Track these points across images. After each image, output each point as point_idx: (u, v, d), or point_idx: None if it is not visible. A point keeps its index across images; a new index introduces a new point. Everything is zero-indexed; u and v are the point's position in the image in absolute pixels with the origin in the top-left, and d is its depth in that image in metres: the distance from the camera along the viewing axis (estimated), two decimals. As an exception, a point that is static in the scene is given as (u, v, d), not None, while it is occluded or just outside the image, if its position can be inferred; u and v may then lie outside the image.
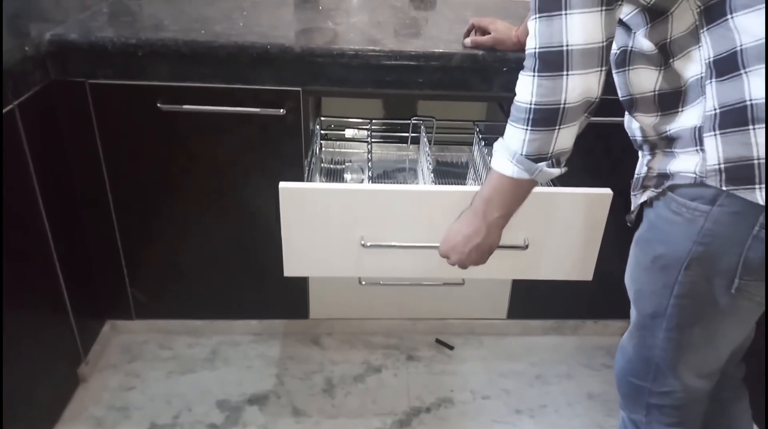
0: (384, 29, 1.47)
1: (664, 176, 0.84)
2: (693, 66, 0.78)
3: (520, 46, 1.32)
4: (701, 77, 0.77)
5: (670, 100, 0.81)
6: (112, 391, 1.52)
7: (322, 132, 1.68)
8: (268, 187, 1.48)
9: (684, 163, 0.80)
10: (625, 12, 0.83)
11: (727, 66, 0.74)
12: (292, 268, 1.20)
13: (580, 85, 0.75)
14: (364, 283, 1.62)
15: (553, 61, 0.74)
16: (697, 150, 0.78)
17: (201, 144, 1.43)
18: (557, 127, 0.78)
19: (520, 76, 0.80)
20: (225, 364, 1.62)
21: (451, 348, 1.70)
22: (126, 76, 1.35)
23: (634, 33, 0.84)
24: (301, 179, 1.46)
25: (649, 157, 0.90)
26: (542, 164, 0.82)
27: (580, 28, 0.72)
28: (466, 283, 1.64)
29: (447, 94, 1.40)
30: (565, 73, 0.75)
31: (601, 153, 1.48)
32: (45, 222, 1.34)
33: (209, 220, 1.53)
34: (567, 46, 0.73)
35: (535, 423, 1.49)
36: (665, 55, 0.81)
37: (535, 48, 0.75)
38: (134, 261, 1.58)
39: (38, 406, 1.37)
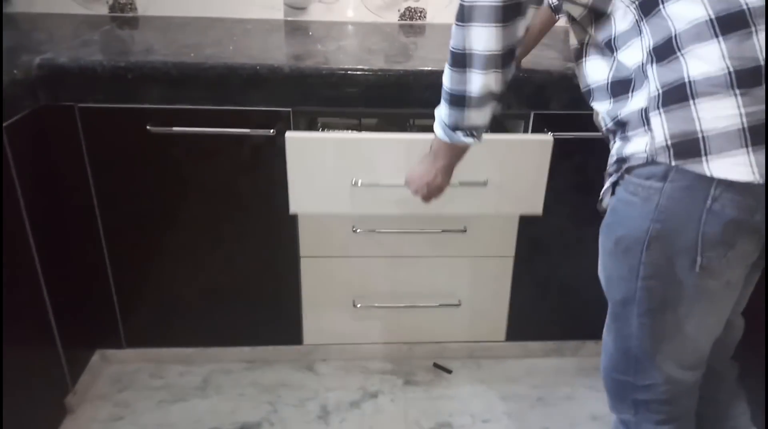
0: (374, 53, 1.48)
1: (621, 161, 0.89)
2: (637, 55, 0.84)
3: None
4: (644, 64, 0.83)
5: (620, 87, 0.88)
6: (100, 422, 1.48)
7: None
8: (260, 211, 1.48)
9: (636, 145, 0.85)
10: (577, 12, 0.93)
11: (665, 51, 0.80)
12: (296, 205, 1.41)
13: (479, 81, 0.91)
14: (359, 306, 1.59)
15: (459, 60, 0.92)
16: (645, 130, 0.83)
17: (191, 168, 1.42)
18: (466, 108, 0.96)
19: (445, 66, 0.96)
20: (217, 393, 1.57)
21: (449, 372, 1.66)
22: (115, 99, 1.35)
23: (588, 30, 0.92)
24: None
25: (611, 146, 0.95)
26: (459, 133, 1.00)
27: (477, 38, 0.88)
28: (463, 304, 1.62)
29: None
30: (467, 70, 0.92)
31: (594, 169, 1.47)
32: (33, 249, 1.32)
33: (201, 246, 1.51)
34: (469, 50, 0.90)
35: (536, 446, 1.44)
36: (611, 49, 0.88)
37: (450, 47, 0.92)
38: (125, 289, 1.55)
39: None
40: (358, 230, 1.50)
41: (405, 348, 1.70)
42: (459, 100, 0.95)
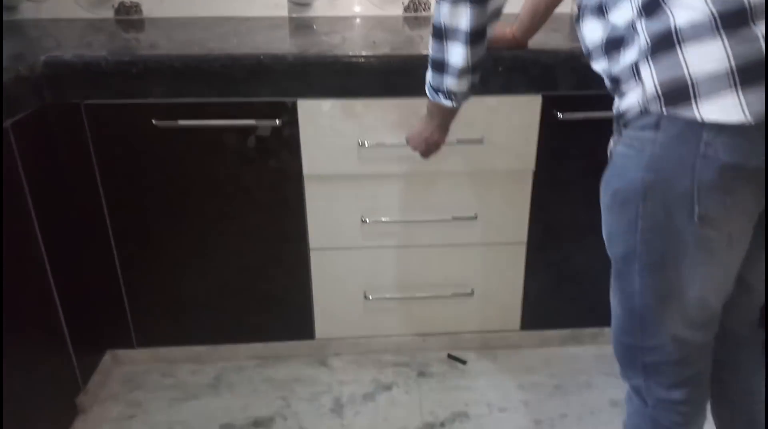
0: (379, 44, 1.47)
1: (619, 117, 0.90)
2: (627, 13, 0.85)
3: (516, 44, 1.32)
4: (633, 21, 0.84)
5: (613, 46, 0.88)
6: (112, 421, 1.46)
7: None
8: (268, 205, 1.47)
9: (630, 99, 0.85)
10: None
11: (652, 5, 0.81)
12: (309, 167, 1.44)
13: (454, 51, 1.02)
14: (370, 297, 1.58)
15: (437, 32, 1.02)
16: (636, 82, 0.83)
17: (198, 162, 1.42)
18: (444, 73, 1.06)
19: None
20: (229, 390, 1.56)
21: (463, 363, 1.63)
22: (121, 95, 1.35)
23: None
24: (301, 195, 1.44)
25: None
26: (440, 95, 1.10)
27: (448, 14, 0.98)
28: (476, 293, 1.59)
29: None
30: (444, 40, 1.02)
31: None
32: (42, 248, 1.31)
33: (209, 242, 1.51)
34: (442, 24, 1.00)
35: (556, 434, 1.41)
36: (603, 11, 0.90)
37: (431, 20, 1.03)
38: (134, 288, 1.55)
39: (35, 438, 1.32)
40: (368, 220, 1.49)
41: (418, 340, 1.68)
42: (438, 65, 1.06)
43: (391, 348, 1.68)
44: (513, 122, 1.41)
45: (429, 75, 1.10)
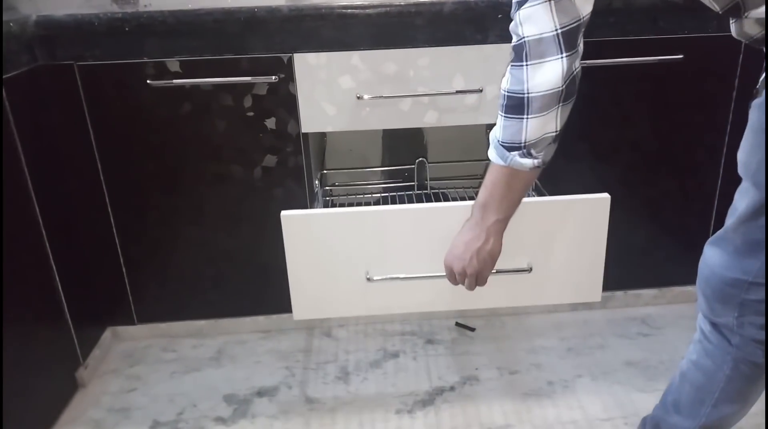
0: None
1: None
2: None
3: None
4: None
5: None
6: (112, 394, 1.42)
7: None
8: (267, 167, 1.43)
9: None
10: None
11: None
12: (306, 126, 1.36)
13: (538, 77, 0.81)
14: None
15: (516, 53, 0.82)
16: None
17: (194, 123, 1.39)
18: (525, 117, 0.83)
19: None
20: (232, 362, 1.51)
21: (472, 330, 1.58)
22: (114, 55, 1.32)
23: None
24: (300, 155, 1.41)
25: None
26: (515, 153, 0.86)
27: (531, 27, 0.80)
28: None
29: (443, 49, 1.36)
30: (524, 63, 0.81)
31: (607, 101, 1.42)
32: (38, 215, 1.28)
33: (208, 210, 1.47)
34: (524, 38, 0.81)
35: (571, 391, 1.35)
36: None
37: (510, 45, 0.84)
38: (133, 263, 1.51)
39: (34, 410, 1.27)
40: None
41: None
42: (517, 105, 0.83)
43: (397, 318, 1.64)
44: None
45: (501, 124, 0.86)
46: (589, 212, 1.10)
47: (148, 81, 1.34)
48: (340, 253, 1.11)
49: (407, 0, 1.31)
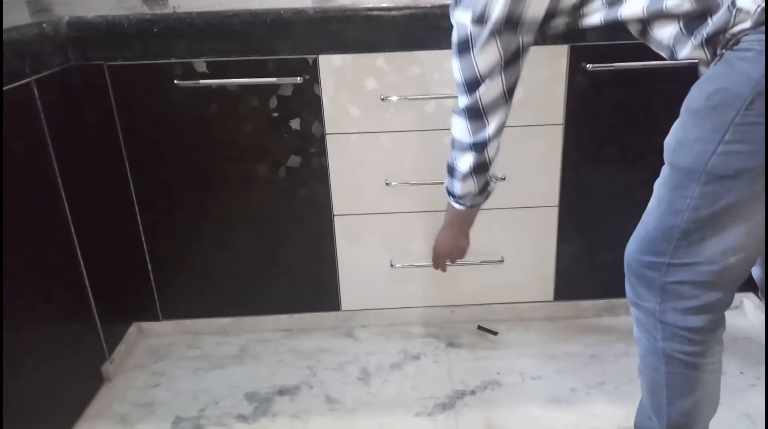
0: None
1: (722, 37, 0.80)
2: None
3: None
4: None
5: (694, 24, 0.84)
6: (136, 389, 1.44)
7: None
8: (291, 169, 1.44)
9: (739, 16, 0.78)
10: None
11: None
12: (330, 127, 1.42)
13: (459, 160, 1.06)
14: (397, 265, 1.53)
15: (451, 140, 1.08)
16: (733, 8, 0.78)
17: (220, 124, 1.40)
18: (453, 178, 1.10)
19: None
20: (254, 360, 1.53)
21: (495, 333, 1.57)
22: (143, 56, 1.35)
23: None
24: (324, 156, 1.42)
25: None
26: (451, 198, 1.14)
27: (453, 126, 1.06)
28: (506, 262, 1.54)
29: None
30: (452, 148, 1.07)
31: (635, 105, 1.39)
32: (67, 212, 1.31)
33: (233, 209, 1.49)
34: (452, 135, 1.07)
35: (593, 399, 1.34)
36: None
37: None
38: (159, 259, 1.53)
39: (61, 403, 1.31)
40: (393, 184, 1.45)
41: (447, 311, 1.63)
42: (450, 171, 1.09)
43: (418, 320, 1.63)
44: (539, 74, 1.36)
45: (445, 179, 1.13)
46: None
47: (175, 81, 1.35)
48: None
49: (433, 2, 1.30)
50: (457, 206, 1.14)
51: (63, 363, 1.30)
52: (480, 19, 0.90)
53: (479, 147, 1.02)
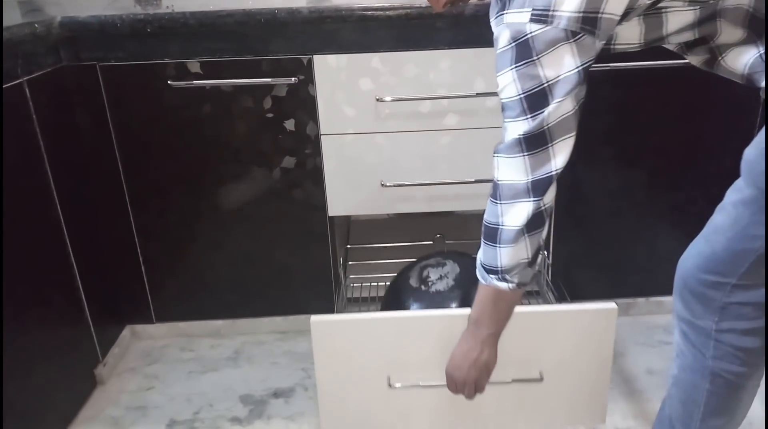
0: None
1: None
2: None
3: None
4: None
5: None
6: (130, 392, 1.43)
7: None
8: (285, 170, 1.44)
9: None
10: None
11: None
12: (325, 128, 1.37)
13: (510, 215, 0.86)
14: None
15: (493, 189, 0.87)
16: None
17: (214, 125, 1.39)
18: (498, 246, 0.88)
19: None
20: (249, 362, 1.52)
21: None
22: (136, 56, 1.34)
23: None
24: (319, 157, 1.41)
25: None
26: (492, 276, 0.91)
27: (505, 174, 0.85)
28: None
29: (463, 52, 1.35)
30: (498, 202, 0.87)
31: (632, 105, 1.39)
32: (60, 214, 1.30)
33: (226, 211, 1.48)
34: (498, 181, 0.86)
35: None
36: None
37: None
38: (152, 262, 1.52)
39: (54, 406, 1.29)
40: (388, 184, 1.44)
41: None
42: (492, 234, 0.89)
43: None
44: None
45: (480, 251, 0.92)
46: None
47: (169, 82, 1.35)
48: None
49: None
50: (500, 286, 0.90)
51: (56, 366, 1.29)
52: (542, 16, 0.74)
53: (540, 189, 0.83)
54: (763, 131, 0.79)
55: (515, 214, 0.85)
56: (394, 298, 1.30)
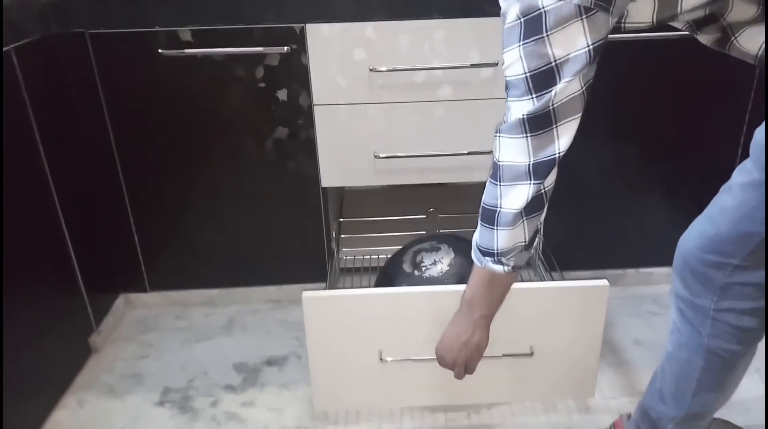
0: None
1: None
2: None
3: None
4: None
5: None
6: (124, 360, 1.45)
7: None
8: (278, 141, 1.43)
9: None
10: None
11: None
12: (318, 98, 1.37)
13: (509, 197, 0.83)
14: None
15: (493, 170, 0.85)
16: None
17: (206, 94, 1.38)
18: (495, 228, 0.86)
19: None
20: (242, 331, 1.53)
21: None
22: (126, 23, 1.31)
23: None
24: (312, 128, 1.40)
25: None
26: (488, 259, 0.89)
27: (507, 155, 0.82)
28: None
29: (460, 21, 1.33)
30: (498, 183, 0.84)
31: (626, 79, 1.38)
32: (51, 183, 1.29)
33: (219, 181, 1.47)
34: (499, 162, 0.83)
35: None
36: None
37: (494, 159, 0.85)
38: (145, 230, 1.52)
39: (49, 374, 1.31)
40: (381, 156, 1.44)
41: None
42: (490, 216, 0.86)
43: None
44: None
45: (477, 232, 0.90)
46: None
47: (159, 50, 1.33)
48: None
49: (423, -30, 1.28)
50: (495, 268, 0.89)
51: (50, 335, 1.30)
52: None
53: (542, 171, 0.81)
54: None
55: (515, 197, 0.83)
56: (387, 284, 1.29)
